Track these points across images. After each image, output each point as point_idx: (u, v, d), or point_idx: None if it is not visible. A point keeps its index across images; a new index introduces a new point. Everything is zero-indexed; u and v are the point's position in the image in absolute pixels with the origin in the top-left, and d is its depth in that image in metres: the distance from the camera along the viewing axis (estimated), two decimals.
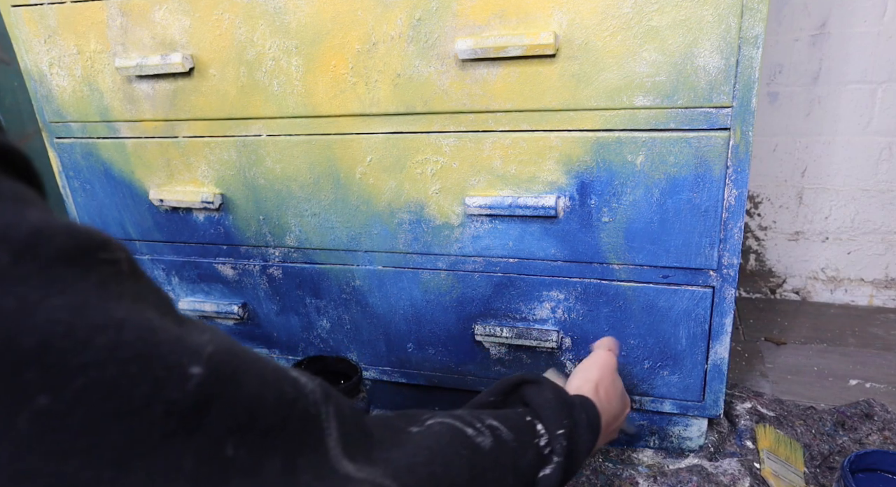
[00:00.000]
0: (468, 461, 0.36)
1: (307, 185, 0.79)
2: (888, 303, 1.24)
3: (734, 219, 0.67)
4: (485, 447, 0.38)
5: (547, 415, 0.46)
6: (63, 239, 0.18)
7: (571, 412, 0.48)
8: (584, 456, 0.48)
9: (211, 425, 0.21)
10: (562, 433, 0.46)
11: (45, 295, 0.17)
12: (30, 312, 0.17)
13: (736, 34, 0.60)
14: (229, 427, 0.22)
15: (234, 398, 0.23)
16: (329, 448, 0.28)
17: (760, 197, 1.25)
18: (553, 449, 0.45)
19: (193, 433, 0.21)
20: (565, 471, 0.45)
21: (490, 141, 0.71)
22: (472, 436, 0.38)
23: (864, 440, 0.79)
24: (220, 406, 0.22)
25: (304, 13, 0.71)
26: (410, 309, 0.83)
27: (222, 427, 0.22)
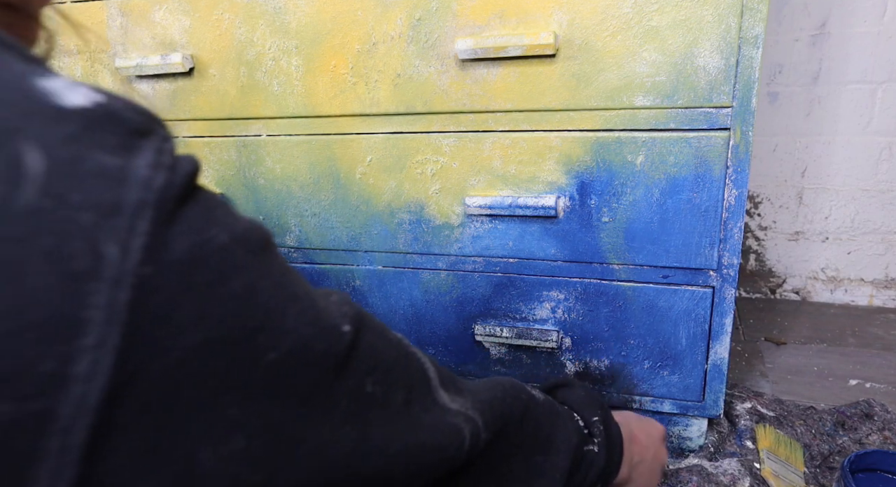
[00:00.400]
0: (524, 404, 0.43)
1: (307, 185, 0.79)
2: (888, 303, 1.24)
3: (734, 219, 0.67)
4: (539, 398, 0.46)
5: (581, 408, 0.51)
6: (258, 232, 0.24)
7: (602, 405, 0.53)
8: (619, 452, 0.52)
9: (356, 369, 0.27)
10: (597, 419, 0.51)
11: (260, 277, 0.23)
12: (255, 293, 0.22)
13: (736, 34, 0.60)
14: (366, 369, 0.28)
15: (367, 346, 0.28)
16: (430, 378, 0.34)
17: (760, 197, 1.25)
18: (591, 432, 0.49)
19: (345, 376, 0.27)
20: (608, 458, 0.49)
21: (490, 141, 0.71)
22: (530, 389, 0.46)
23: (864, 440, 0.79)
24: (360, 354, 0.28)
25: (304, 13, 0.71)
26: (410, 309, 0.83)
27: (362, 370, 0.28)
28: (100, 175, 0.18)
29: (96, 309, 0.18)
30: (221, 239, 0.21)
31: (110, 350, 0.18)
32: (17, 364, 0.17)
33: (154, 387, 0.19)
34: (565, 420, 0.48)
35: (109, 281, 0.18)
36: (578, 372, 0.80)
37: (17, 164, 0.17)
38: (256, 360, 0.22)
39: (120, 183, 0.18)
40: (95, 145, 0.18)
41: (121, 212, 0.18)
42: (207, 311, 0.20)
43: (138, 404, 0.19)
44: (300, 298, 0.25)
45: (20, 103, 0.17)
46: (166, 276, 0.19)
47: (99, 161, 0.18)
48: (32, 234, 0.17)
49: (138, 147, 0.19)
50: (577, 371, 0.80)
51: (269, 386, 0.23)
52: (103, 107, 0.19)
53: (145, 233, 0.19)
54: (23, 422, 0.17)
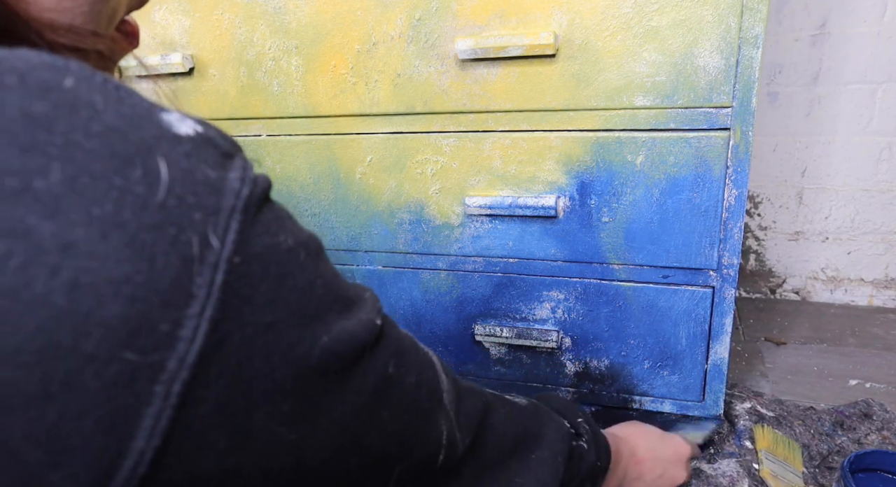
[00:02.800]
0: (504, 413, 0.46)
1: (307, 185, 0.79)
2: (888, 303, 1.24)
3: (734, 219, 0.67)
4: (521, 403, 0.49)
5: (562, 413, 0.54)
6: (315, 240, 0.29)
7: (583, 411, 0.55)
8: (606, 454, 0.54)
9: (382, 352, 0.32)
10: (581, 420, 0.53)
11: (316, 276, 0.28)
12: (312, 288, 0.27)
13: (736, 34, 0.60)
14: (389, 352, 0.33)
15: (389, 334, 0.33)
16: (434, 362, 0.40)
17: (760, 197, 1.25)
18: (578, 432, 0.52)
19: (375, 357, 0.31)
20: (597, 454, 0.52)
21: (490, 141, 0.71)
22: (511, 398, 0.49)
23: (863, 440, 0.79)
24: (385, 341, 0.33)
25: (304, 13, 0.71)
26: (410, 309, 0.83)
27: (387, 354, 0.33)
28: (205, 184, 0.23)
29: (201, 286, 0.22)
30: (289, 242, 0.26)
31: (207, 320, 0.22)
32: (146, 322, 0.21)
33: (234, 354, 0.24)
34: (551, 418, 0.51)
35: (210, 265, 0.23)
36: (578, 372, 0.80)
37: (154, 172, 0.22)
38: (313, 343, 0.27)
39: (219, 191, 0.24)
40: (202, 162, 0.24)
41: (220, 213, 0.23)
42: (278, 297, 0.25)
43: (220, 366, 0.23)
44: (344, 296, 0.30)
45: (153, 130, 0.23)
46: (250, 266, 0.24)
47: (205, 173, 0.24)
48: (162, 223, 0.22)
49: (230, 165, 0.25)
50: (577, 371, 0.80)
51: (319, 364, 0.27)
52: (202, 135, 0.25)
53: (236, 230, 0.24)
54: (142, 371, 0.21)
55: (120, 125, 0.22)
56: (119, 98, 0.23)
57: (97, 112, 0.22)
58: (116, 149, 0.22)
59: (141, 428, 0.21)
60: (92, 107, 0.22)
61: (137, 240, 0.21)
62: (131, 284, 0.21)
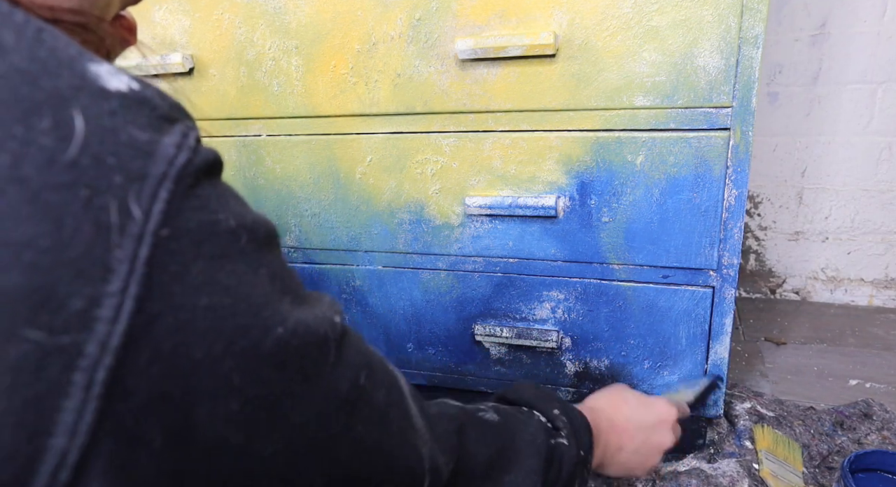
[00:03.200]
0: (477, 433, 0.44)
1: (307, 185, 0.79)
2: (888, 303, 1.24)
3: (734, 219, 0.67)
4: (492, 420, 0.47)
5: (538, 404, 0.52)
6: (263, 227, 0.26)
7: (557, 397, 0.54)
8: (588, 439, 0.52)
9: (351, 360, 0.30)
10: (557, 412, 0.51)
11: (259, 264, 0.25)
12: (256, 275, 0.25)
13: (736, 34, 0.60)
14: (358, 362, 0.30)
15: (353, 342, 0.31)
16: (402, 386, 0.37)
17: (760, 197, 1.25)
18: (556, 426, 0.50)
19: (344, 364, 0.29)
20: (577, 439, 0.50)
21: (490, 141, 0.71)
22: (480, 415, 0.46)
23: (863, 440, 0.79)
24: (351, 348, 0.30)
25: (304, 13, 0.71)
26: (410, 309, 0.83)
27: (357, 363, 0.30)
28: (131, 146, 0.21)
29: (121, 260, 0.20)
30: (230, 223, 0.24)
31: (132, 297, 0.20)
32: (51, 297, 0.19)
33: (167, 339, 0.21)
34: (525, 423, 0.48)
35: (133, 236, 0.20)
36: (578, 372, 0.80)
37: (67, 125, 0.20)
38: (264, 333, 0.24)
39: (148, 155, 0.21)
40: (129, 122, 0.21)
41: (146, 180, 0.21)
42: (216, 279, 0.23)
43: (152, 352, 0.21)
44: (296, 290, 0.28)
45: (73, 80, 0.20)
46: (180, 241, 0.22)
47: (132, 134, 0.21)
48: (73, 184, 0.19)
49: (166, 129, 0.22)
50: (577, 371, 0.80)
51: (274, 358, 0.25)
52: (137, 93, 0.22)
53: (164, 200, 0.21)
54: (54, 354, 0.19)
55: (31, 68, 0.20)
56: (38, 39, 0.20)
57: (3, 50, 0.19)
58: (21, 94, 0.19)
59: (59, 423, 0.19)
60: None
61: (40, 199, 0.19)
62: (33, 249, 0.18)
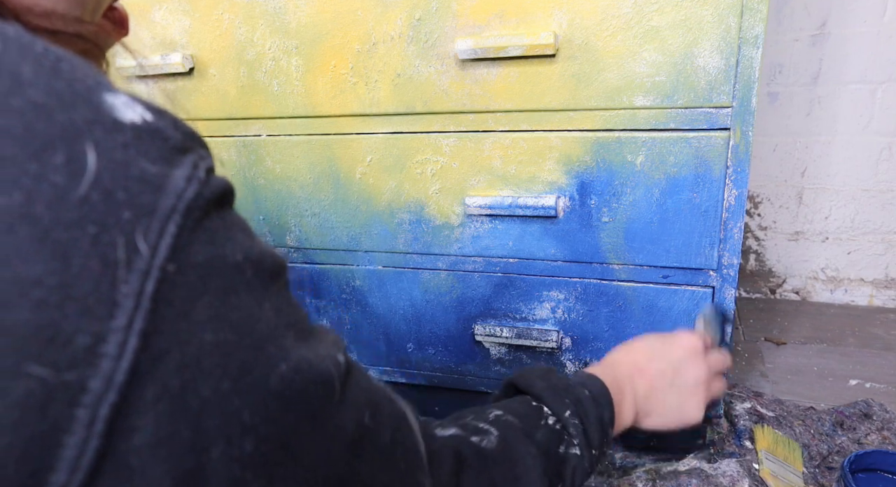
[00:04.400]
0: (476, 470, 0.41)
1: (307, 185, 0.79)
2: (888, 303, 1.24)
3: (734, 219, 0.67)
4: (489, 447, 0.42)
5: (548, 398, 0.48)
6: (271, 260, 0.26)
7: (569, 390, 0.49)
8: (599, 429, 0.48)
9: (356, 399, 0.29)
10: (569, 413, 0.47)
11: (264, 298, 0.25)
12: (260, 310, 0.24)
13: (736, 34, 0.60)
14: (363, 401, 0.30)
15: (357, 381, 0.30)
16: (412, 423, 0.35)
17: (760, 197, 1.25)
18: (568, 431, 0.46)
19: (349, 403, 0.28)
20: (589, 449, 0.47)
21: (490, 141, 0.71)
22: (477, 443, 0.42)
23: (863, 440, 0.79)
24: (354, 386, 0.29)
25: (304, 13, 0.71)
26: (410, 309, 0.83)
27: (361, 401, 0.29)
28: (142, 180, 0.21)
29: (127, 295, 0.20)
30: (236, 257, 0.24)
31: (136, 333, 0.20)
32: (58, 333, 0.18)
33: (174, 375, 0.21)
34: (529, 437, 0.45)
35: (139, 271, 0.20)
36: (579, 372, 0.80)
37: (80, 161, 0.19)
38: (269, 369, 0.24)
39: (158, 189, 0.21)
40: (142, 154, 0.21)
41: (155, 214, 0.21)
42: (222, 314, 0.22)
43: (158, 389, 0.20)
44: (300, 326, 0.27)
45: (88, 112, 0.20)
46: (187, 276, 0.21)
47: (143, 168, 0.21)
48: (82, 220, 0.19)
49: (178, 161, 0.22)
50: (577, 371, 0.79)
51: (281, 395, 0.24)
52: (150, 125, 0.22)
53: (172, 234, 0.21)
54: (58, 390, 0.18)
55: (47, 102, 0.19)
56: (55, 71, 0.20)
57: (21, 84, 0.19)
58: (37, 130, 0.19)
59: (61, 459, 0.18)
60: (16, 77, 0.19)
61: (50, 237, 0.18)
62: (41, 287, 0.18)
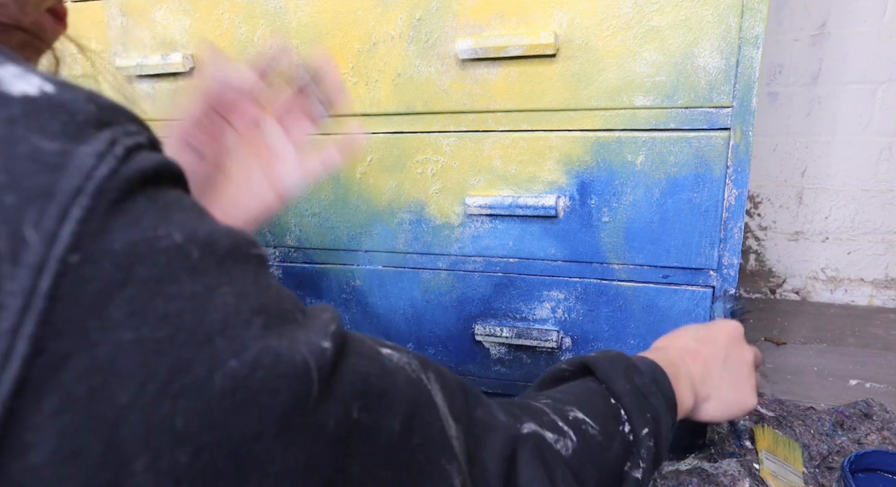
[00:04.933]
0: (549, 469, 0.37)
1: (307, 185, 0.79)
2: (888, 303, 1.24)
3: (734, 219, 0.67)
4: (562, 453, 0.38)
5: (629, 404, 0.43)
6: (227, 239, 0.23)
7: (649, 398, 0.45)
8: (666, 446, 0.45)
9: (341, 391, 0.25)
10: (646, 433, 0.43)
11: (219, 283, 0.22)
12: (211, 296, 0.21)
13: (736, 34, 0.60)
14: (352, 392, 0.26)
15: (352, 366, 0.26)
16: (438, 405, 0.31)
17: (760, 197, 1.25)
18: (639, 452, 0.42)
19: (330, 398, 0.24)
20: (652, 472, 0.44)
21: (490, 141, 0.71)
22: (552, 442, 0.38)
23: (863, 440, 0.79)
24: (343, 374, 0.25)
25: (304, 13, 0.71)
26: (410, 309, 0.83)
27: (348, 393, 0.25)
28: (33, 158, 0.18)
29: (13, 294, 0.17)
30: (175, 238, 0.21)
31: (25, 338, 0.17)
32: None
33: (79, 382, 0.18)
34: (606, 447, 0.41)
35: (29, 266, 0.17)
36: None
37: None
38: (213, 366, 0.20)
39: (56, 168, 0.18)
40: (33, 130, 0.18)
41: (52, 198, 0.18)
42: (149, 308, 0.19)
43: (60, 399, 0.18)
44: (276, 308, 0.23)
45: None
46: (100, 266, 0.19)
47: (35, 145, 0.18)
48: None
49: (87, 136, 0.19)
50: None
51: (229, 396, 0.21)
52: (50, 97, 0.19)
53: (77, 220, 0.18)
54: None
55: None
56: None
57: None
58: None
59: None
60: None
61: None
62: None
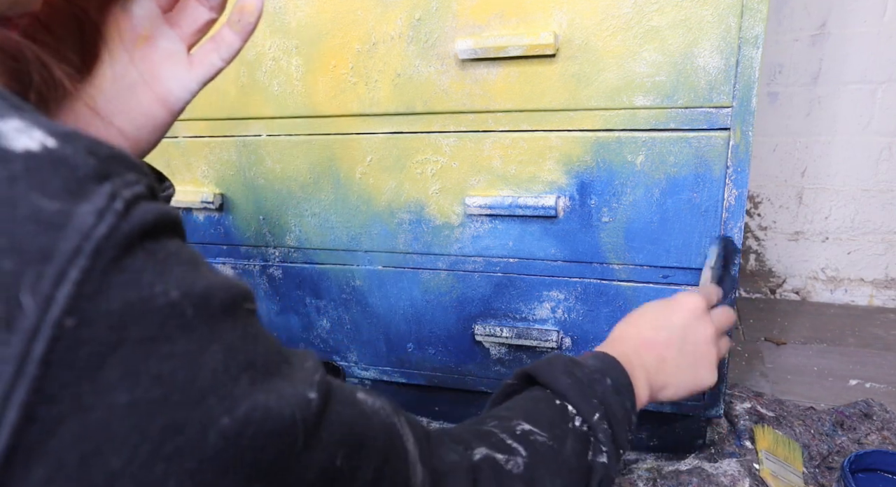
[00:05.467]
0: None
1: (307, 185, 0.79)
2: (888, 303, 1.24)
3: (734, 219, 0.67)
4: (515, 472, 0.38)
5: (574, 396, 0.43)
6: (223, 293, 0.23)
7: (594, 385, 0.45)
8: (626, 426, 0.45)
9: (327, 440, 0.26)
10: (598, 417, 0.43)
11: (211, 340, 0.22)
12: (203, 354, 0.21)
13: (736, 34, 0.60)
14: (338, 441, 0.26)
15: (337, 415, 0.27)
16: (409, 451, 0.32)
17: (760, 197, 1.25)
18: (597, 436, 0.43)
19: (314, 447, 0.25)
20: (617, 453, 0.44)
21: (490, 141, 0.71)
22: (503, 463, 0.38)
23: (863, 440, 0.79)
24: (330, 424, 0.26)
25: (304, 13, 0.71)
26: (410, 309, 0.83)
27: (335, 442, 0.26)
28: (34, 220, 0.17)
29: (5, 361, 0.17)
30: (170, 295, 0.20)
31: (16, 406, 0.17)
32: None
33: (72, 449, 0.18)
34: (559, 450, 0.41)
35: (24, 332, 0.17)
36: None
37: None
38: (207, 425, 0.21)
39: (56, 229, 0.18)
40: (35, 189, 0.18)
41: (51, 260, 0.18)
42: (142, 369, 0.19)
43: (51, 466, 0.17)
44: (263, 362, 0.24)
45: None
46: (94, 329, 0.18)
47: (35, 205, 0.18)
48: None
49: (88, 192, 0.19)
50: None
51: (221, 455, 0.21)
52: (52, 152, 0.19)
53: (73, 282, 0.18)
54: None
55: None
56: None
57: None
58: None
59: None
60: None
61: None
62: None
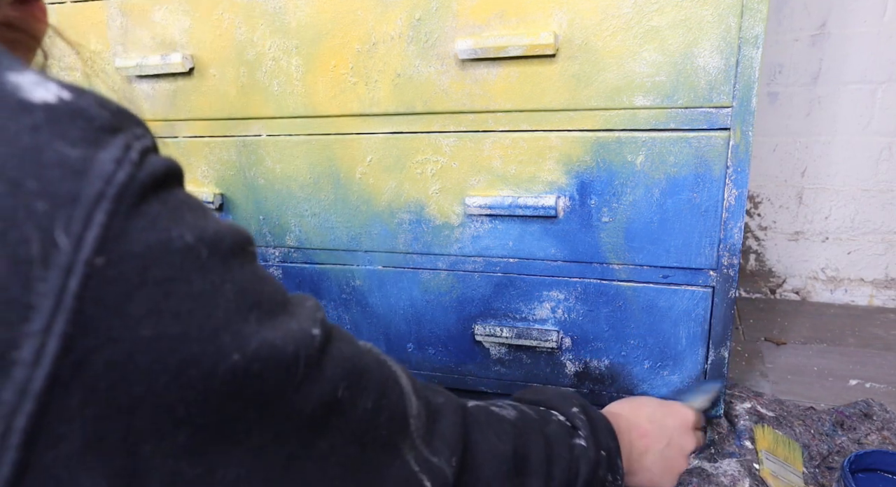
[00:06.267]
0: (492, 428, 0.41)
1: (307, 185, 0.79)
2: (888, 303, 1.24)
3: (734, 219, 0.67)
4: (507, 415, 0.43)
5: (555, 402, 0.50)
6: (230, 236, 0.24)
7: (576, 397, 0.51)
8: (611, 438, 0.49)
9: (331, 373, 0.28)
10: (576, 410, 0.49)
11: (223, 280, 0.23)
12: (216, 294, 0.23)
13: (736, 34, 0.60)
14: (340, 373, 0.28)
15: (339, 350, 0.29)
16: (402, 385, 0.34)
17: (760, 197, 1.25)
18: (573, 423, 0.47)
19: (318, 379, 0.27)
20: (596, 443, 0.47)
21: (490, 141, 0.71)
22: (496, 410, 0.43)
23: (863, 440, 0.79)
24: (333, 358, 0.28)
25: (304, 13, 0.71)
26: (410, 309, 0.83)
27: (337, 375, 0.28)
28: (60, 165, 0.19)
29: (45, 296, 0.18)
30: (186, 239, 0.22)
31: (56, 336, 0.18)
32: None
33: (102, 377, 0.19)
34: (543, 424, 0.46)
35: (60, 268, 0.18)
36: (578, 372, 0.80)
37: None
38: (219, 360, 0.22)
39: (80, 174, 0.19)
40: (57, 137, 0.19)
41: (78, 203, 0.19)
42: (164, 306, 0.21)
43: (84, 393, 0.19)
44: (269, 301, 0.25)
45: None
46: (121, 268, 0.20)
47: (60, 152, 0.19)
48: None
49: (105, 142, 0.20)
50: (577, 371, 0.80)
51: (228, 386, 0.22)
52: (69, 104, 0.20)
53: (101, 224, 0.19)
54: None
55: None
56: None
57: None
58: None
59: None
60: None
61: None
62: None
